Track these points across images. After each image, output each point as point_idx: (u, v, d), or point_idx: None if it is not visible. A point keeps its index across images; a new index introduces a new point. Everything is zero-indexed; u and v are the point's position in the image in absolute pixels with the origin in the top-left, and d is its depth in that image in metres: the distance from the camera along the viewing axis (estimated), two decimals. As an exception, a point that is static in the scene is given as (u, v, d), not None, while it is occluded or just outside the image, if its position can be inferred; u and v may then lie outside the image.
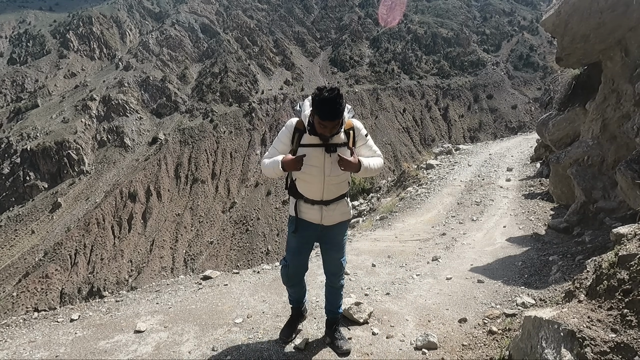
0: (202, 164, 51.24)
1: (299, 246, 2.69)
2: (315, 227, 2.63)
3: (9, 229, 46.55)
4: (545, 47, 68.43)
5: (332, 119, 2.28)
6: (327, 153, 2.42)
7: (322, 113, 2.27)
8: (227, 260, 41.17)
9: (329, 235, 2.69)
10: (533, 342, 1.99)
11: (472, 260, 4.94)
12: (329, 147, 2.40)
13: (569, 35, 5.38)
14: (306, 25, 78.34)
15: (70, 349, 3.08)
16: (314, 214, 2.58)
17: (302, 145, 2.45)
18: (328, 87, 2.28)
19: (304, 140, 2.45)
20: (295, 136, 2.47)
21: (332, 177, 2.48)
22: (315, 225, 2.62)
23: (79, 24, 74.15)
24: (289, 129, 2.49)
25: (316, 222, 2.61)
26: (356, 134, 2.53)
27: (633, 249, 1.92)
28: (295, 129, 2.47)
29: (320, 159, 2.44)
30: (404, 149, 57.33)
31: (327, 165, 2.45)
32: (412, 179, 11.82)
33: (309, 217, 2.61)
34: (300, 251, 2.71)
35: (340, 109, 2.28)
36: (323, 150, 2.42)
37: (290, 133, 2.48)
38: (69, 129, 54.09)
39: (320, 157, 2.44)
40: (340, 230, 2.70)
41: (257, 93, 62.10)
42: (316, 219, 2.59)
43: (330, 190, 2.53)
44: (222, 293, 4.07)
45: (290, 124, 2.50)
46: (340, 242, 2.73)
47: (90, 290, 38.15)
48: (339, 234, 2.72)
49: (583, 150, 5.81)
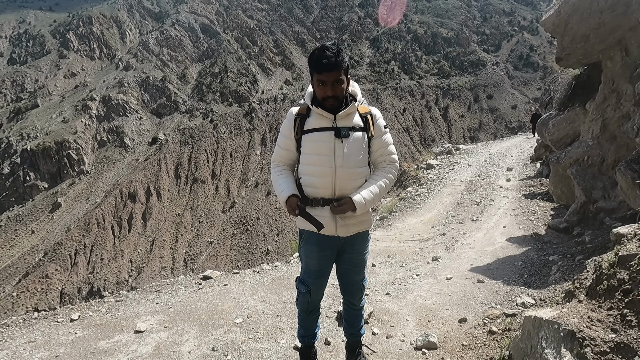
0: (202, 164, 51.20)
1: (321, 268, 2.27)
2: (333, 242, 2.19)
3: (9, 229, 46.52)
4: (545, 47, 68.38)
5: (329, 69, 1.95)
6: (337, 138, 2.04)
7: (318, 65, 1.96)
8: (227, 260, 41.14)
9: (349, 252, 2.26)
10: (533, 342, 1.99)
11: (472, 260, 4.94)
12: (339, 131, 2.04)
13: (569, 35, 5.37)
14: (306, 25, 78.30)
15: (70, 349, 3.08)
16: (327, 223, 2.11)
17: (307, 131, 2.10)
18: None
19: (309, 124, 2.10)
20: (297, 122, 2.13)
21: (345, 170, 2.06)
22: (331, 239, 2.18)
23: (79, 24, 74.10)
24: (290, 118, 2.18)
25: (330, 233, 2.15)
26: (374, 121, 2.16)
27: (633, 249, 1.92)
28: (297, 115, 2.15)
29: (330, 145, 2.05)
30: (404, 149, 57.29)
31: (339, 153, 2.04)
32: (412, 179, 11.82)
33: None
34: (323, 274, 2.30)
35: (337, 57, 1.95)
36: (332, 134, 2.05)
37: (291, 122, 2.15)
38: (69, 129, 54.06)
39: (329, 143, 2.05)
40: (361, 245, 2.28)
41: (257, 93, 62.06)
42: (330, 229, 2.13)
43: (344, 188, 2.09)
44: (222, 293, 4.07)
45: (291, 113, 2.20)
46: (362, 261, 2.32)
47: (90, 290, 38.12)
48: (360, 251, 2.29)
49: (583, 150, 5.81)
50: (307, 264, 2.30)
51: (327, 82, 1.98)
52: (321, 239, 2.18)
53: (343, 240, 2.20)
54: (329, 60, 1.94)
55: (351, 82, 2.16)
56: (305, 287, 2.28)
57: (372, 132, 2.15)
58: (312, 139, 2.09)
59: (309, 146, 2.11)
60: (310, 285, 2.28)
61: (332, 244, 2.20)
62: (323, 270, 2.29)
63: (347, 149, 2.06)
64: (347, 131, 2.05)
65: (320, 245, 2.20)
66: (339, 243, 2.21)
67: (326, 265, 2.28)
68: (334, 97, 2.02)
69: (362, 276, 2.35)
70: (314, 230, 2.12)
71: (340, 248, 2.24)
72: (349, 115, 2.09)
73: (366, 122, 2.13)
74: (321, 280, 2.31)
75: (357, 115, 2.12)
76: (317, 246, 2.20)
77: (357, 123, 2.10)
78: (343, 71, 2.00)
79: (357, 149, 2.09)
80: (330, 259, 2.28)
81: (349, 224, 2.16)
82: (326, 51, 1.95)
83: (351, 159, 2.07)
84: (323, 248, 2.20)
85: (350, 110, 2.08)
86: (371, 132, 2.14)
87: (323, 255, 2.23)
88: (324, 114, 2.06)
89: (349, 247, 2.25)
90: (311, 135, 2.09)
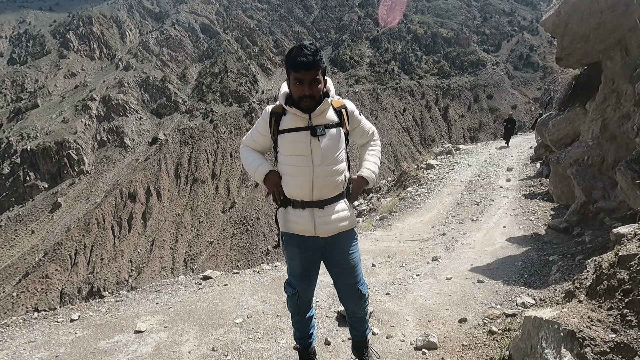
0: (202, 164, 51.22)
1: (304, 270, 2.24)
2: (314, 242, 2.17)
3: (9, 229, 46.55)
4: (545, 47, 68.42)
5: (306, 68, 1.91)
6: (313, 137, 2.03)
7: (295, 63, 1.92)
8: (227, 260, 41.16)
9: (334, 252, 2.20)
10: (533, 342, 1.99)
11: (472, 260, 4.94)
12: (315, 130, 2.02)
13: (569, 35, 5.37)
14: (306, 25, 78.32)
15: (70, 349, 3.08)
16: (305, 223, 2.11)
17: (282, 131, 2.08)
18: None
19: (284, 124, 2.08)
20: (273, 120, 2.11)
21: (323, 168, 2.06)
22: (312, 239, 2.16)
23: (79, 24, 74.13)
24: (264, 117, 2.14)
25: (309, 234, 2.13)
26: (349, 114, 2.17)
27: (633, 249, 1.92)
28: (272, 114, 2.11)
29: (307, 145, 2.04)
30: (404, 149, 57.34)
31: (316, 152, 2.04)
32: (412, 179, 11.82)
33: (299, 229, 2.14)
34: (307, 275, 2.26)
35: (315, 56, 1.92)
36: (308, 134, 2.03)
37: (266, 121, 2.13)
38: (69, 129, 54.09)
39: (305, 142, 2.04)
40: (345, 245, 2.20)
41: (257, 93, 62.11)
42: (308, 229, 2.12)
43: (323, 187, 2.08)
44: (222, 293, 4.07)
45: (266, 111, 2.15)
46: (351, 263, 2.21)
47: (90, 290, 38.15)
48: (346, 251, 2.20)
49: (583, 150, 5.81)
50: (291, 266, 2.28)
51: (304, 81, 1.95)
52: (301, 240, 2.16)
53: (324, 241, 2.17)
54: (307, 59, 1.90)
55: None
56: (292, 289, 2.27)
57: (348, 127, 2.16)
58: (288, 140, 2.08)
59: (286, 147, 2.10)
60: (296, 287, 2.25)
61: (313, 245, 2.17)
62: (307, 271, 2.25)
63: (324, 147, 2.05)
64: (323, 129, 2.04)
65: (301, 247, 2.17)
66: (321, 244, 2.17)
67: (310, 266, 2.24)
68: (311, 97, 1.99)
69: (355, 280, 2.23)
70: (293, 232, 2.16)
71: (324, 249, 2.20)
72: (323, 112, 2.07)
73: (341, 116, 2.13)
74: (307, 281, 2.27)
75: (332, 110, 2.11)
76: (297, 247, 2.18)
77: (332, 119, 2.09)
78: (320, 71, 1.98)
79: (334, 145, 2.09)
80: (313, 260, 2.24)
81: (329, 222, 2.12)
82: (304, 49, 1.92)
83: (328, 157, 2.06)
84: (304, 249, 2.18)
85: (323, 107, 2.05)
86: (346, 127, 2.14)
87: (305, 257, 2.20)
88: (298, 114, 2.04)
89: (333, 248, 2.20)
90: (287, 136, 2.08)
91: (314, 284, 2.34)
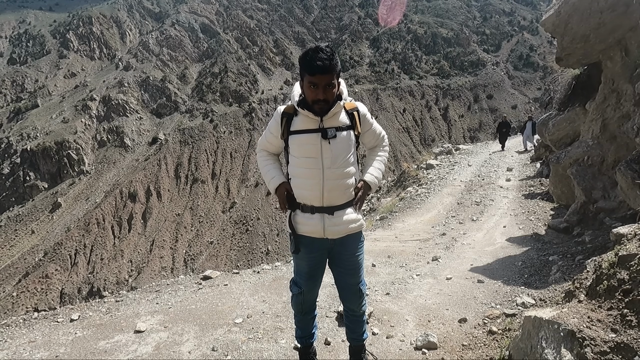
0: (202, 164, 51.19)
1: (310, 270, 2.26)
2: (322, 244, 2.17)
3: (9, 229, 46.51)
4: (545, 47, 68.37)
5: (322, 72, 1.88)
6: (324, 139, 2.00)
7: (310, 66, 1.89)
8: (227, 260, 41.13)
9: (341, 253, 2.22)
10: (533, 342, 1.99)
11: (472, 260, 4.94)
12: (326, 132, 2.00)
13: (569, 35, 5.37)
14: (306, 25, 78.29)
15: (70, 349, 3.08)
16: (314, 225, 2.10)
17: (293, 132, 2.06)
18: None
19: (295, 125, 2.06)
20: (284, 121, 2.09)
21: (333, 170, 2.04)
22: (320, 240, 2.15)
23: (79, 24, 74.09)
24: (276, 117, 2.13)
25: (318, 235, 2.13)
26: (361, 117, 2.15)
27: (633, 249, 1.92)
28: (284, 114, 2.09)
29: (317, 147, 2.02)
30: (404, 149, 57.30)
31: (326, 155, 2.02)
32: (412, 179, 11.83)
33: (308, 230, 2.13)
34: (314, 275, 2.29)
35: (331, 60, 1.89)
36: (319, 136, 2.01)
37: (278, 122, 2.11)
38: (69, 129, 54.05)
39: (316, 145, 2.02)
40: (353, 247, 2.22)
41: (257, 93, 62.06)
42: (317, 231, 2.11)
43: (333, 189, 2.07)
44: (222, 293, 4.07)
45: (277, 112, 2.14)
46: (355, 264, 2.24)
47: (90, 290, 38.12)
48: (352, 253, 2.22)
49: (583, 150, 5.81)
50: (297, 265, 2.30)
51: (318, 85, 1.93)
52: (309, 241, 2.16)
53: (333, 242, 2.17)
54: (323, 63, 1.88)
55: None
56: (298, 288, 2.29)
57: (360, 129, 2.14)
58: (299, 141, 2.07)
59: (297, 149, 2.09)
60: (302, 286, 2.28)
61: (321, 246, 2.18)
62: (313, 271, 2.26)
63: (335, 149, 2.03)
64: (334, 131, 2.02)
65: (309, 247, 2.17)
66: (329, 245, 2.18)
67: (316, 266, 2.26)
68: (325, 101, 1.97)
69: (358, 280, 2.27)
70: (301, 234, 2.16)
71: (331, 250, 2.21)
72: (335, 114, 2.05)
73: (352, 119, 2.11)
74: (313, 281, 2.30)
75: (344, 113, 2.10)
76: (305, 248, 2.18)
77: (344, 122, 2.07)
78: (336, 75, 1.96)
79: (345, 148, 2.07)
80: (320, 261, 2.25)
81: (339, 224, 2.12)
82: (320, 53, 1.89)
83: (339, 159, 2.05)
84: (311, 250, 2.18)
85: (336, 109, 2.04)
86: (358, 130, 2.13)
87: (312, 257, 2.21)
88: (310, 116, 2.03)
89: (340, 249, 2.20)
90: (298, 138, 2.06)
91: (319, 284, 2.36)
